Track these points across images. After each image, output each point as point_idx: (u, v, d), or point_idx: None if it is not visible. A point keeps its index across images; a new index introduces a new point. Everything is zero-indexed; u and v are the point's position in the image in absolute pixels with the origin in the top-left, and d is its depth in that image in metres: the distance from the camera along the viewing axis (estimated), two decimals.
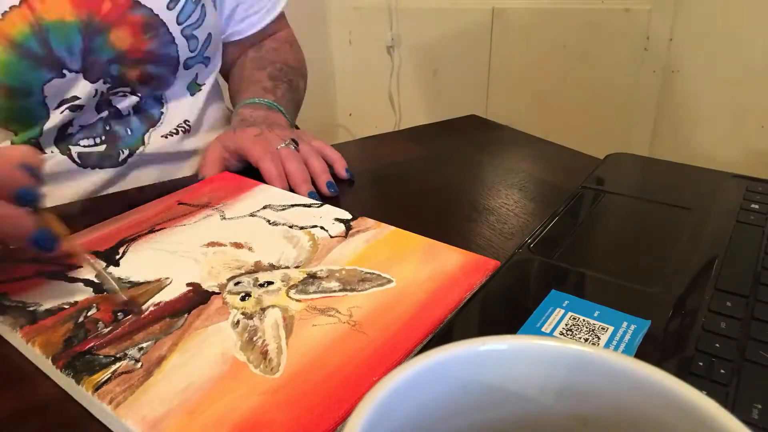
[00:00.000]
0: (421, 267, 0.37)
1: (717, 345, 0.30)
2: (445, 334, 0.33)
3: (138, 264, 0.39)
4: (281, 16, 0.77)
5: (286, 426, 0.26)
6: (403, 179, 0.57)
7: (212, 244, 0.41)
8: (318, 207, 0.46)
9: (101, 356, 0.30)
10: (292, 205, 0.46)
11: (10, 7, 0.50)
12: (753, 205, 0.45)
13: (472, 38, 1.69)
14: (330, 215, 0.44)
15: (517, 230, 0.46)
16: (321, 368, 0.29)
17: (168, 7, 0.58)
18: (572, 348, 0.19)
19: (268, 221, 0.44)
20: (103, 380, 0.29)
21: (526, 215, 0.48)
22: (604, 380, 0.18)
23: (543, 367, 0.19)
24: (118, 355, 0.30)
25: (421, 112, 1.71)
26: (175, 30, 0.59)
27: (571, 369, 0.19)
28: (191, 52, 0.62)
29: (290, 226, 0.43)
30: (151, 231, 0.43)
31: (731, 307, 0.33)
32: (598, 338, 0.31)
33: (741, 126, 1.36)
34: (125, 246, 0.41)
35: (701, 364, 0.29)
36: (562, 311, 0.33)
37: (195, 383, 0.28)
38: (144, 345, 0.31)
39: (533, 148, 0.65)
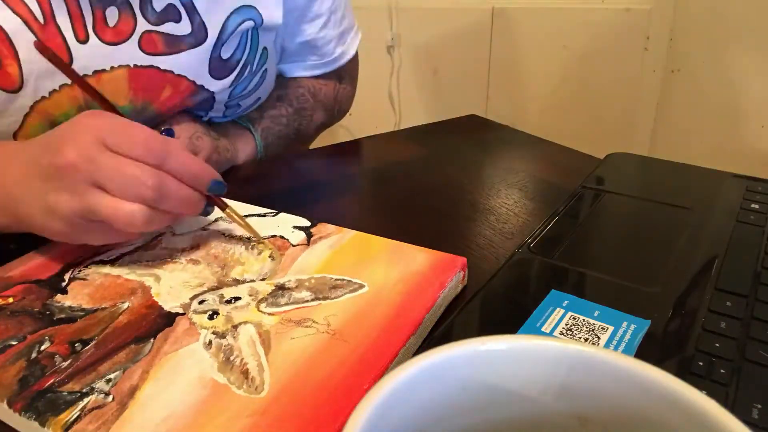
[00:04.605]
0: (390, 269, 0.37)
1: (717, 345, 0.30)
2: (445, 334, 0.33)
3: (88, 290, 0.36)
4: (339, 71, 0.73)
5: None
6: (403, 179, 0.57)
7: (166, 262, 0.39)
8: (273, 216, 0.44)
9: (65, 393, 0.28)
10: (246, 216, 0.44)
11: (60, 87, 0.48)
12: (753, 205, 0.45)
13: (472, 38, 1.68)
14: (288, 224, 0.43)
15: (517, 230, 0.46)
16: (308, 382, 0.28)
17: (230, 86, 0.58)
18: (572, 348, 0.19)
19: (223, 234, 0.42)
20: (72, 419, 0.26)
21: (526, 215, 0.48)
22: (604, 380, 0.18)
23: (543, 366, 0.19)
24: (84, 390, 0.28)
25: (421, 112, 1.71)
26: (220, 101, 0.59)
27: (571, 369, 0.19)
28: (223, 117, 0.62)
29: (248, 238, 0.41)
30: (96, 254, 0.40)
31: (731, 306, 0.33)
32: (598, 338, 0.31)
33: (741, 126, 1.36)
34: (71, 272, 0.38)
35: (701, 363, 0.29)
36: (562, 311, 0.33)
37: (176, 411, 0.27)
38: (111, 376, 0.29)
39: (533, 148, 0.65)
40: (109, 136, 0.34)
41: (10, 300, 0.35)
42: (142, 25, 0.50)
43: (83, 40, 0.48)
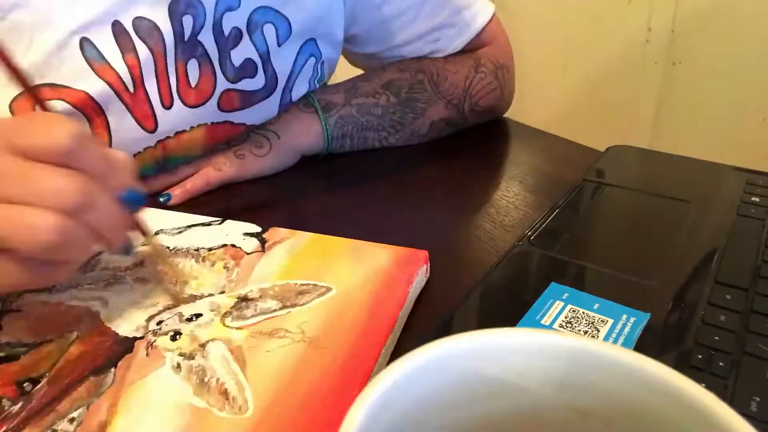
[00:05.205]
0: (354, 269, 0.36)
1: (716, 338, 0.31)
2: (444, 326, 0.33)
3: (26, 322, 0.33)
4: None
5: None
6: (402, 172, 0.57)
7: (110, 284, 0.36)
8: (219, 224, 0.42)
9: None
10: (189, 226, 0.42)
11: (145, 149, 0.49)
12: (753, 198, 0.45)
13: None
14: (237, 231, 0.41)
15: (518, 222, 0.46)
16: (294, 395, 0.27)
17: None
18: (572, 341, 0.19)
19: (168, 248, 0.39)
20: None
21: (527, 207, 0.48)
22: (603, 373, 0.18)
23: (542, 359, 0.19)
24: None
25: None
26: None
27: (570, 362, 0.19)
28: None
29: (196, 249, 0.39)
30: None
31: (731, 300, 0.33)
32: (598, 331, 0.31)
33: (742, 118, 1.35)
34: (1, 304, 0.34)
35: (700, 356, 0.29)
36: (562, 304, 0.33)
37: None
38: (75, 414, 0.26)
39: (534, 140, 0.65)
40: (11, 133, 0.27)
41: None
42: (222, 83, 0.50)
43: (168, 106, 0.48)
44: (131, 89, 0.46)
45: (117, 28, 0.44)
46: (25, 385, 0.28)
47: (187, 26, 0.47)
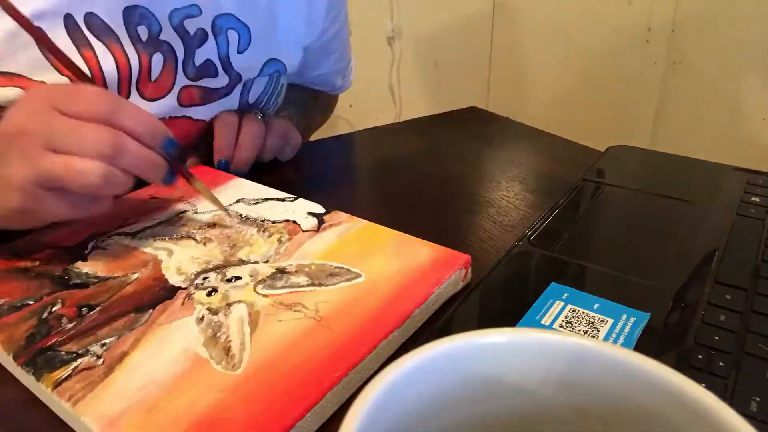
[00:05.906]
0: (391, 261, 0.37)
1: (716, 338, 0.31)
2: (444, 326, 0.33)
3: (105, 259, 0.38)
4: None
5: (244, 423, 0.25)
6: (403, 171, 0.57)
7: (182, 238, 0.40)
8: (292, 201, 0.45)
9: (63, 352, 0.30)
10: (266, 199, 0.46)
11: None
12: (753, 198, 0.45)
13: (473, 29, 1.68)
14: (303, 209, 0.44)
15: (518, 222, 0.46)
16: (283, 364, 0.29)
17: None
18: (572, 341, 0.19)
19: (240, 215, 0.43)
20: (64, 377, 0.28)
21: (527, 207, 0.48)
22: (603, 373, 0.18)
23: (542, 359, 0.19)
24: (80, 351, 0.30)
25: (422, 104, 1.71)
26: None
27: (570, 362, 0.19)
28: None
29: (262, 221, 0.42)
30: (122, 225, 0.42)
31: (731, 300, 0.33)
32: (598, 331, 0.31)
33: (742, 118, 1.35)
34: (95, 241, 0.40)
35: (700, 356, 0.29)
36: (562, 303, 0.33)
37: (155, 380, 0.28)
38: (107, 341, 0.30)
39: (534, 140, 0.65)
40: (59, 98, 0.34)
41: (37, 263, 0.38)
42: (182, 80, 0.51)
43: (125, 96, 0.48)
44: (89, 75, 0.45)
45: (69, 22, 0.44)
46: (83, 309, 0.33)
47: (143, 33, 0.48)
